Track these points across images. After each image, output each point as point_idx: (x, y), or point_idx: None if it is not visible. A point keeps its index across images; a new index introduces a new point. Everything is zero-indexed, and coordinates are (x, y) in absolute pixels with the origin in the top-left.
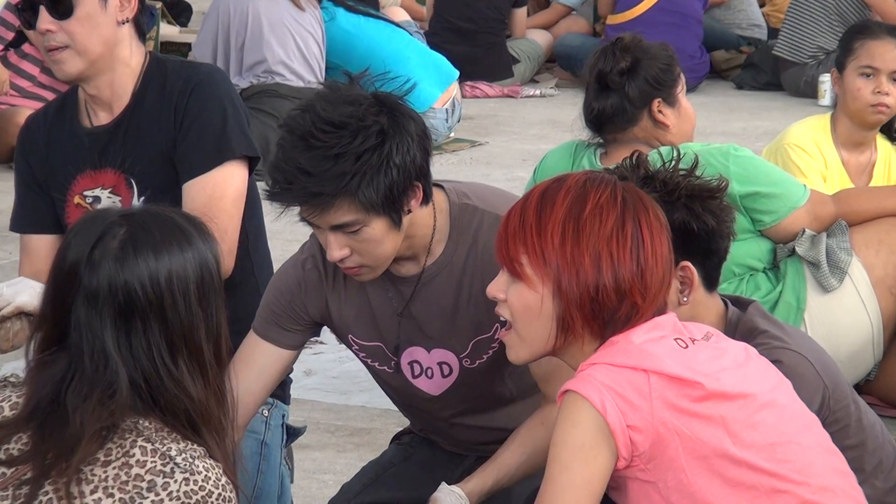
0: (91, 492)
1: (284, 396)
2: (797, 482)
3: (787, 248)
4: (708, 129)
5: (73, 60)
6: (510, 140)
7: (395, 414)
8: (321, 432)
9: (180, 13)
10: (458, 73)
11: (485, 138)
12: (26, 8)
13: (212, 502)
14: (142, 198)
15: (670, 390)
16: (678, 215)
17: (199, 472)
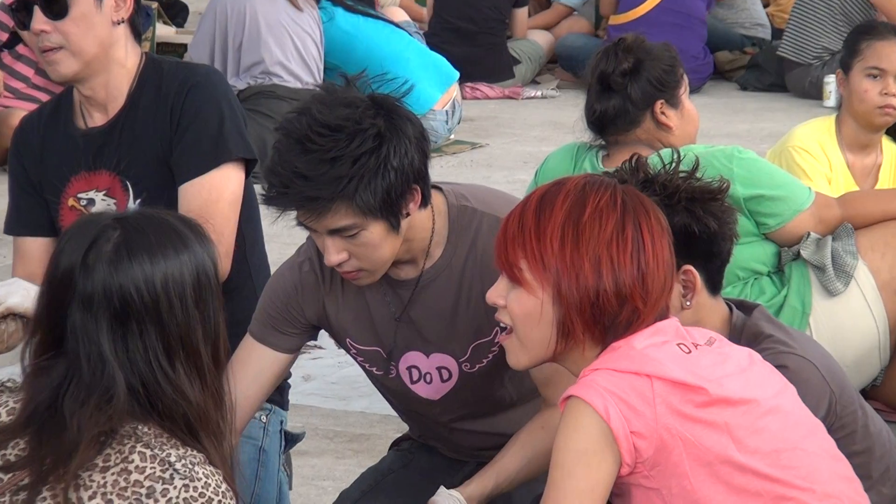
0: (89, 498)
1: (283, 402)
2: (802, 489)
3: (792, 252)
4: (711, 131)
5: (68, 61)
6: (511, 142)
7: (395, 420)
8: (320, 438)
9: (177, 13)
10: (459, 75)
11: (485, 140)
12: (20, 8)
13: None
14: (137, 200)
15: (674, 396)
16: (679, 218)
17: (199, 479)
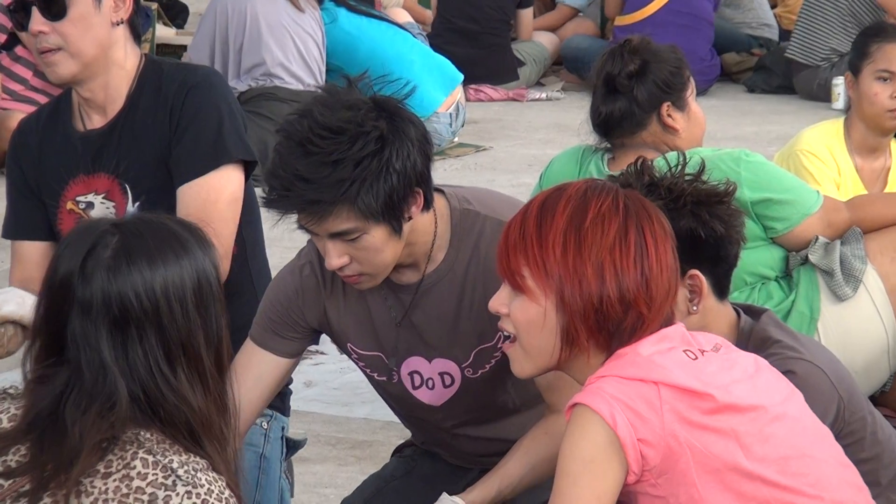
0: None
1: (284, 408)
2: (811, 496)
3: (800, 257)
4: (718, 134)
5: (67, 63)
6: (515, 145)
7: (398, 426)
8: (322, 445)
9: (177, 14)
10: (463, 77)
11: (489, 143)
12: (18, 9)
13: None
14: (136, 203)
15: (681, 402)
16: (685, 222)
17: (202, 486)
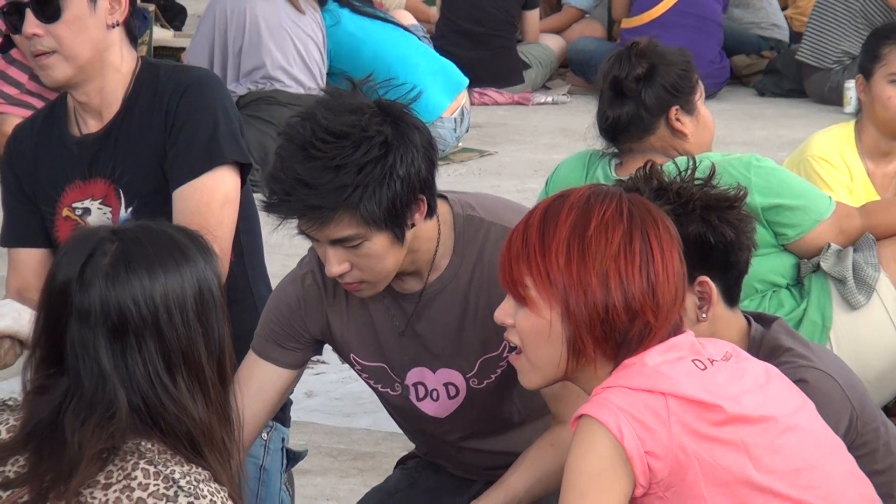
0: None
1: (284, 419)
2: None
3: (812, 264)
4: (728, 138)
5: (61, 66)
6: (521, 149)
7: (401, 437)
8: (323, 456)
9: (175, 16)
10: (468, 81)
11: (494, 148)
12: (12, 11)
13: None
14: (129, 208)
15: (689, 414)
16: (694, 227)
17: (204, 497)
